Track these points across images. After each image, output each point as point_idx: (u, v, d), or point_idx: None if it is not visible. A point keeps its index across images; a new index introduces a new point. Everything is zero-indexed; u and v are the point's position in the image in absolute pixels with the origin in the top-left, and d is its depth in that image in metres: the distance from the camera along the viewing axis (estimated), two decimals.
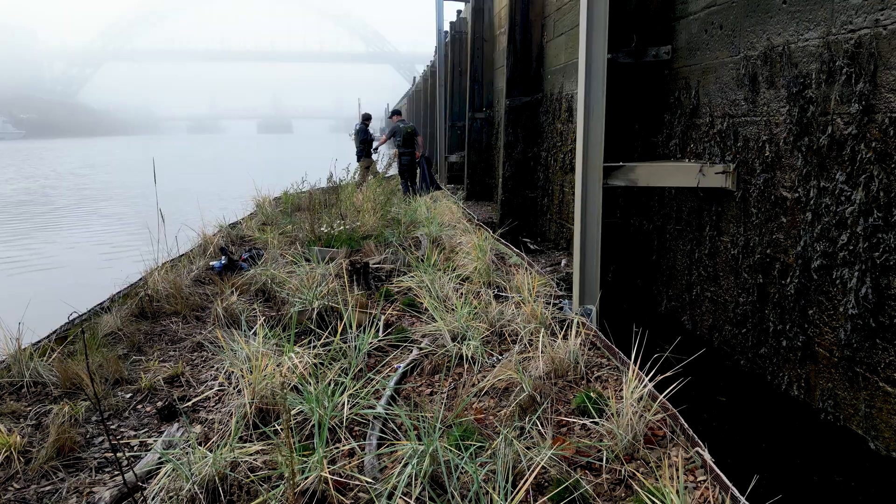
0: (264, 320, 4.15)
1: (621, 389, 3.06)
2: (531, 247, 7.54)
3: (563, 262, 6.45)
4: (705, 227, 4.17)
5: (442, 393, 3.14)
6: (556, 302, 4.48)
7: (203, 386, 3.32)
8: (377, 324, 4.09)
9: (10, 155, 47.91)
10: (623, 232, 5.02)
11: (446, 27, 16.84)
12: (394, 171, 13.11)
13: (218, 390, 3.18)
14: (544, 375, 3.14)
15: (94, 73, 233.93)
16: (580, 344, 3.42)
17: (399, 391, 3.21)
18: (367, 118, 13.08)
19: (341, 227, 6.60)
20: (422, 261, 5.35)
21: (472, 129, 12.99)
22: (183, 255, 5.82)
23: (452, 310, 4.03)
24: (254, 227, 7.64)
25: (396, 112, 13.01)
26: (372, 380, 3.28)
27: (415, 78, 37.95)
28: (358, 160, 12.42)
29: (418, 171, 11.95)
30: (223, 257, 5.76)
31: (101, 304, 4.45)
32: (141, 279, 4.93)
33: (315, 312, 4.26)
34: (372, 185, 8.75)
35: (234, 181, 21.94)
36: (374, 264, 5.39)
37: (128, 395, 3.18)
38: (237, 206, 9.94)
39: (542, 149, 8.29)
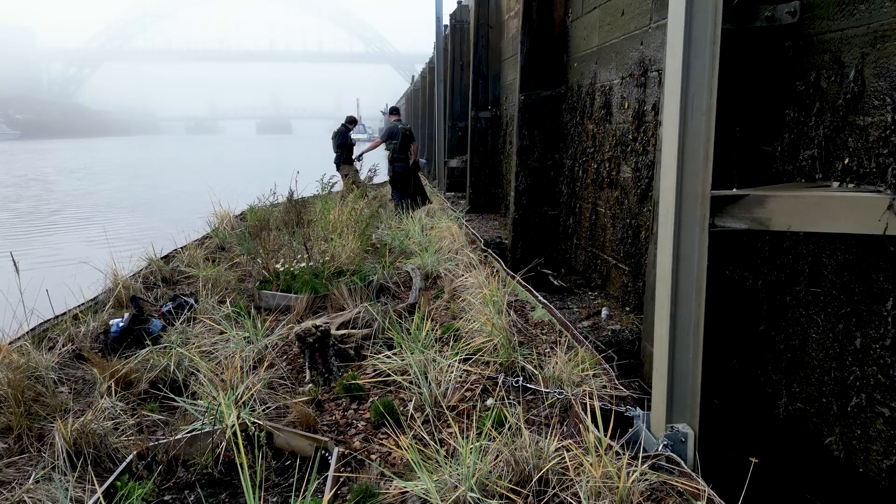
0: (136, 456, 2.46)
1: None
2: (555, 283, 5.84)
3: (605, 312, 4.74)
4: (885, 298, 2.46)
5: None
6: (625, 410, 2.78)
7: None
8: (324, 459, 2.41)
9: None
10: (715, 288, 3.32)
11: (446, 21, 15.17)
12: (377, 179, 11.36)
13: None
14: None
15: (92, 73, 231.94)
16: None
17: None
18: (350, 121, 11.39)
19: (303, 264, 4.89)
20: (404, 325, 3.66)
21: (476, 130, 11.29)
22: (63, 314, 4.09)
23: (451, 432, 2.36)
24: (199, 257, 5.93)
25: (394, 110, 11.20)
26: None
27: (413, 77, 36.09)
28: (337, 168, 10.71)
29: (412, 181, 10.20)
30: (130, 311, 4.07)
31: None
32: None
33: (228, 437, 2.56)
34: (351, 201, 7.04)
35: (224, 185, 20.20)
36: (337, 330, 3.69)
37: None
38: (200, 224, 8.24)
39: (567, 155, 6.59)
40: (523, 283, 4.72)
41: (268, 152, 54.07)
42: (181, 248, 6.23)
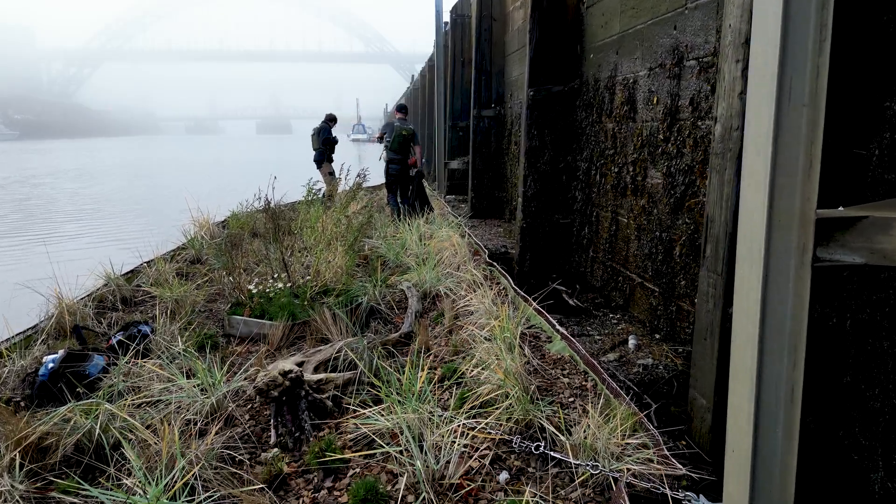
0: None
1: None
2: (570, 302, 5.15)
3: (632, 341, 4.07)
4: None
5: None
6: (683, 497, 2.11)
7: None
8: None
9: None
10: None
11: (446, 17, 14.51)
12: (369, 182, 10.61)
13: None
14: None
15: (92, 73, 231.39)
16: None
17: None
18: (330, 119, 10.74)
19: (280, 285, 4.21)
20: (396, 362, 2.98)
21: (478, 129, 10.61)
22: None
23: None
24: (169, 272, 5.25)
25: (401, 108, 10.13)
26: None
27: (413, 76, 35.37)
28: (318, 167, 10.03)
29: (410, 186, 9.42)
30: (66, 348, 3.39)
31: None
32: None
33: None
34: (339, 208, 6.35)
35: (224, 185, 19.52)
36: (314, 374, 3.01)
37: None
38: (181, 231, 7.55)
39: (582, 158, 5.91)
40: (539, 309, 4.04)
41: (268, 152, 53.37)
42: (148, 262, 5.54)
